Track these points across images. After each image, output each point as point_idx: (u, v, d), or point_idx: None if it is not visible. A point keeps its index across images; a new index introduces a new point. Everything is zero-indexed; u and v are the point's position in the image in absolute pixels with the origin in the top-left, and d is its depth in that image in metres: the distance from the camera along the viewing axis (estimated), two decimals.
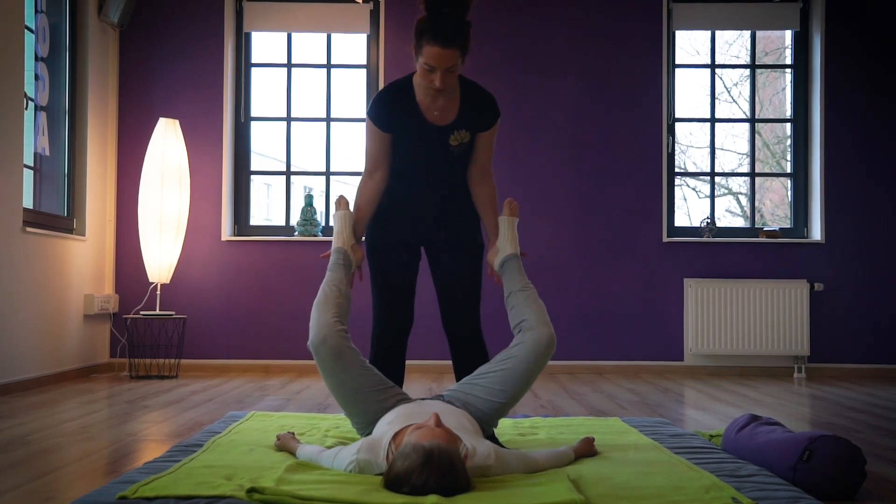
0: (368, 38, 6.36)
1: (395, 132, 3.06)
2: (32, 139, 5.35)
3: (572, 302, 6.16)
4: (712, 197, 6.61)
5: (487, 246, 3.18)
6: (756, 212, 7.19)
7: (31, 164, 5.40)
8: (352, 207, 3.14)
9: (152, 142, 5.80)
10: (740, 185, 10.11)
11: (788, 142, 6.87)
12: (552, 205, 6.22)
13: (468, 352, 3.13)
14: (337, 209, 3.12)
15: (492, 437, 2.97)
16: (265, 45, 6.69)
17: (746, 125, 7.61)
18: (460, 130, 3.04)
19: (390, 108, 3.05)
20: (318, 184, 9.51)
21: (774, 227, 6.44)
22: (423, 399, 2.83)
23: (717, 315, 6.10)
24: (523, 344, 2.80)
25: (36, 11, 5.39)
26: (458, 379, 3.11)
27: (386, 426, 2.57)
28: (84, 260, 5.70)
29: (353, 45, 6.59)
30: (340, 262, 3.02)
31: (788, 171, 6.72)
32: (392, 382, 2.86)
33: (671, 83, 6.37)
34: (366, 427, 2.80)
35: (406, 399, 2.81)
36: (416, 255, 3.20)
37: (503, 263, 3.08)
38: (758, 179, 8.00)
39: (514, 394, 2.79)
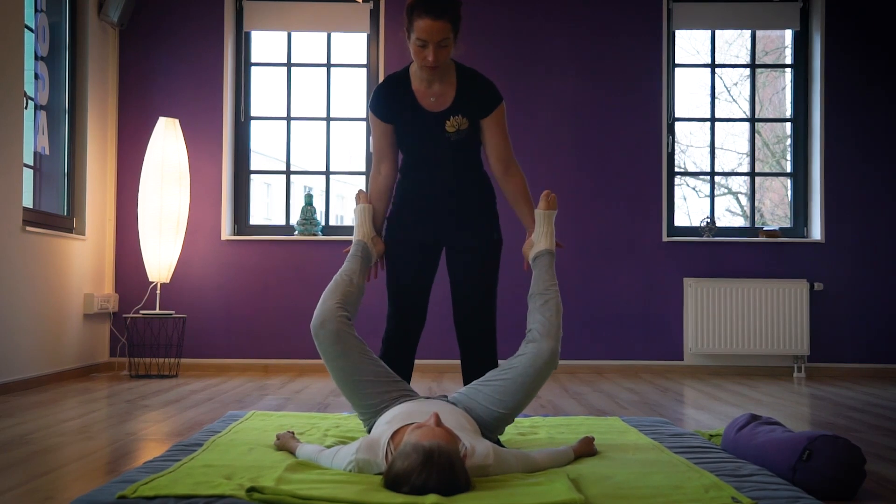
0: (368, 37, 6.36)
1: (394, 122, 3.10)
2: (32, 138, 5.35)
3: (572, 301, 6.14)
4: (712, 196, 6.60)
5: (526, 237, 3.14)
6: (756, 211, 7.18)
7: (31, 164, 5.39)
8: None
9: (152, 141, 5.80)
10: (740, 184, 10.10)
11: (788, 141, 6.87)
12: None
13: (474, 353, 3.12)
14: (357, 203, 3.18)
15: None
16: (265, 44, 6.69)
17: (746, 125, 7.61)
18: (456, 116, 3.04)
19: (387, 97, 3.09)
20: (317, 183, 9.51)
21: (774, 226, 6.44)
22: (425, 398, 2.82)
23: (716, 315, 6.10)
24: (525, 356, 2.79)
25: (36, 10, 5.38)
26: (464, 379, 3.11)
27: (385, 425, 2.57)
28: (84, 259, 5.70)
29: (353, 45, 6.59)
30: (358, 254, 3.07)
31: (788, 170, 6.72)
32: (398, 376, 2.86)
33: (671, 83, 6.37)
34: (370, 418, 2.80)
35: (410, 395, 2.81)
36: (434, 255, 3.18)
37: (535, 258, 3.07)
38: (757, 179, 7.99)
39: (515, 405, 2.77)
